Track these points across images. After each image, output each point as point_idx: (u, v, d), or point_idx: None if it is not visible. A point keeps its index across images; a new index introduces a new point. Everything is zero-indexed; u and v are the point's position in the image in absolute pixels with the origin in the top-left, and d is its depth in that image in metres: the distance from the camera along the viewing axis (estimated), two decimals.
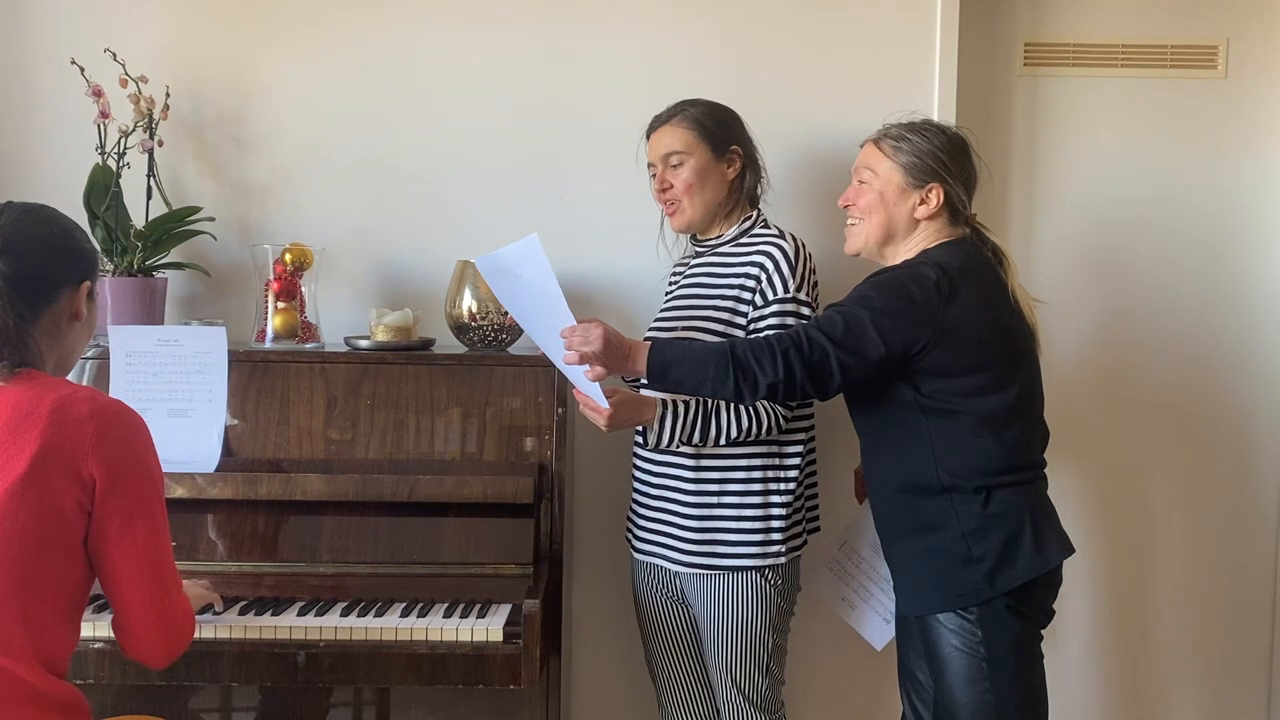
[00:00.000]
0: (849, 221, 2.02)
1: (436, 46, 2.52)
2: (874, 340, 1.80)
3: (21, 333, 1.49)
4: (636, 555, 2.20)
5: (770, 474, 2.08)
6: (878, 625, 2.27)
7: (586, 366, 1.86)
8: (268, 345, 2.27)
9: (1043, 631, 1.92)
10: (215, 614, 1.92)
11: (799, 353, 1.79)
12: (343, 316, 2.45)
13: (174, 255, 2.40)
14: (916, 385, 1.86)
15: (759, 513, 2.06)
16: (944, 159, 1.94)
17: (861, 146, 2.04)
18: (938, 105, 2.51)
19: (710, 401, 2.01)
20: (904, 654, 2.09)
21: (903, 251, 1.97)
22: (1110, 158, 2.70)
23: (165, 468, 1.60)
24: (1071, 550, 1.93)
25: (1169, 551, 2.75)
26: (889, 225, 1.96)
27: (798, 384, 1.81)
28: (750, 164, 2.17)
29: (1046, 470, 1.96)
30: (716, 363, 1.81)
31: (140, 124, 2.34)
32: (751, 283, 2.05)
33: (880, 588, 2.24)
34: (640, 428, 2.03)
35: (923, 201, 1.94)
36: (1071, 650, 2.74)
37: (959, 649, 1.86)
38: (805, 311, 2.05)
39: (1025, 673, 1.88)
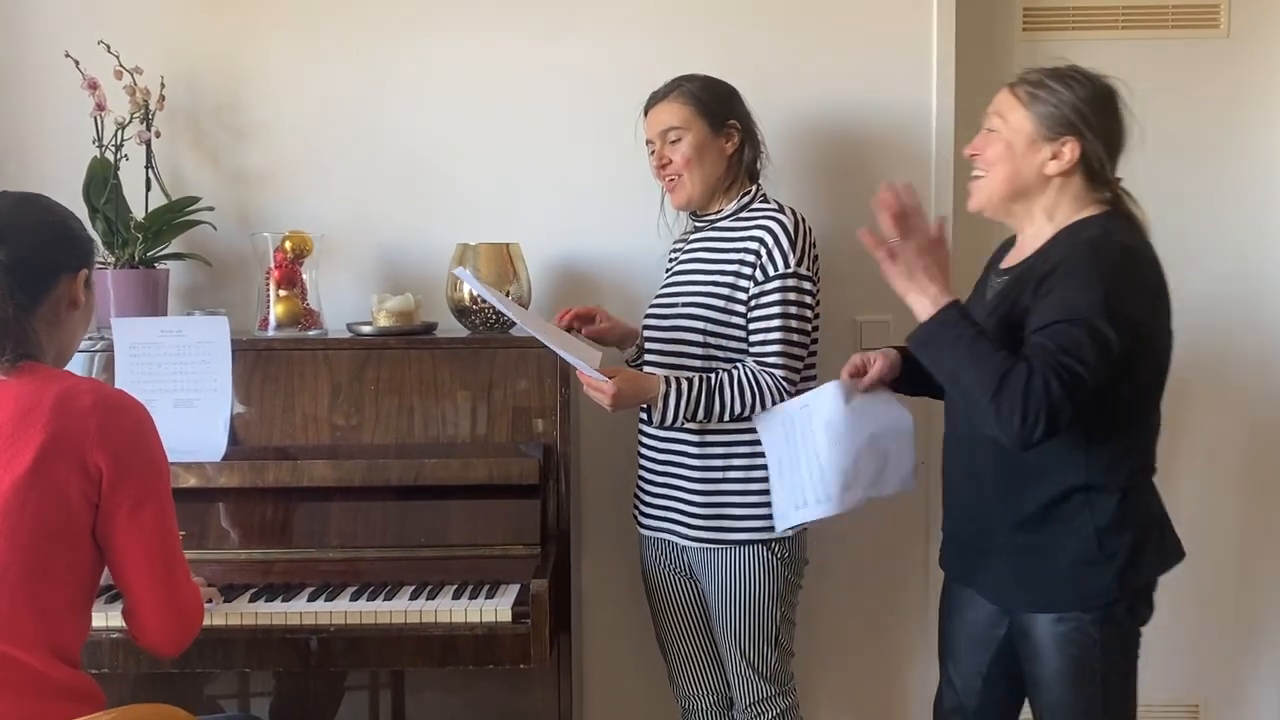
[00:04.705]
0: (973, 173, 1.85)
1: (432, 28, 2.51)
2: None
3: (21, 321, 1.49)
4: (644, 532, 2.21)
5: None
6: (788, 507, 2.00)
7: (589, 353, 1.96)
8: (271, 333, 2.28)
9: None
10: (225, 601, 1.93)
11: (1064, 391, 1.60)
12: (345, 303, 2.45)
13: (175, 246, 2.41)
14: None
15: (765, 486, 2.07)
16: (1084, 110, 1.73)
17: (998, 93, 1.86)
18: (936, 71, 2.49)
19: (714, 378, 2.01)
20: (955, 632, 1.96)
21: (1038, 211, 1.79)
22: None
23: (173, 458, 1.61)
24: (1183, 552, 1.82)
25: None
26: (1015, 180, 1.78)
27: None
28: (749, 138, 2.16)
29: None
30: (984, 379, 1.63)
31: (137, 115, 2.34)
32: (751, 258, 2.05)
33: (811, 473, 1.96)
34: (645, 406, 2.04)
35: (1054, 156, 1.75)
36: None
37: (1070, 649, 1.74)
38: (806, 286, 2.04)
39: (1132, 675, 1.79)
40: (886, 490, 2.01)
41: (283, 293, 2.29)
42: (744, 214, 2.12)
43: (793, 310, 2.03)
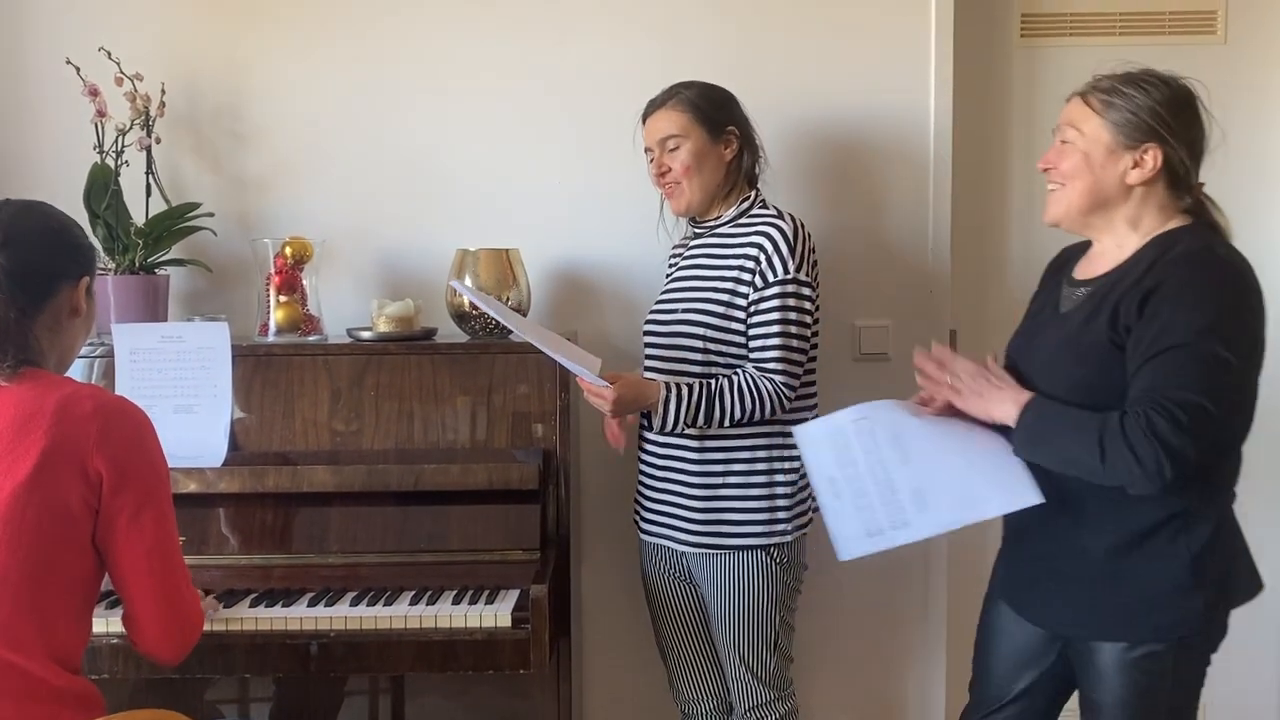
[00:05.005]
0: (1049, 186, 1.77)
1: (431, 34, 2.52)
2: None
3: (23, 328, 1.50)
4: (644, 537, 2.21)
5: (775, 453, 2.08)
6: (853, 535, 1.75)
7: (589, 360, 1.97)
8: (271, 339, 2.28)
9: None
10: (226, 607, 1.93)
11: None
12: (345, 308, 2.46)
13: (175, 252, 2.41)
14: None
15: (764, 492, 2.07)
16: (1164, 115, 1.65)
17: (1067, 101, 1.78)
18: (934, 77, 2.50)
19: (714, 383, 2.02)
20: (995, 655, 1.89)
21: (1120, 222, 1.72)
22: None
23: (173, 464, 1.62)
24: (1263, 583, 1.75)
25: None
26: (1096, 192, 1.70)
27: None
28: (747, 144, 2.16)
29: None
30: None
31: (137, 121, 2.34)
32: (751, 263, 2.05)
33: (881, 496, 1.73)
34: (645, 412, 2.04)
35: (1136, 165, 1.67)
36: None
37: (1140, 678, 1.67)
38: (805, 292, 2.05)
39: (1195, 703, 1.72)
40: (986, 511, 1.72)
41: (283, 298, 2.30)
42: (743, 220, 2.12)
43: (792, 316, 2.03)
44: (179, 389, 2.14)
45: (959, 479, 1.72)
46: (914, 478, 1.72)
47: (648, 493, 2.19)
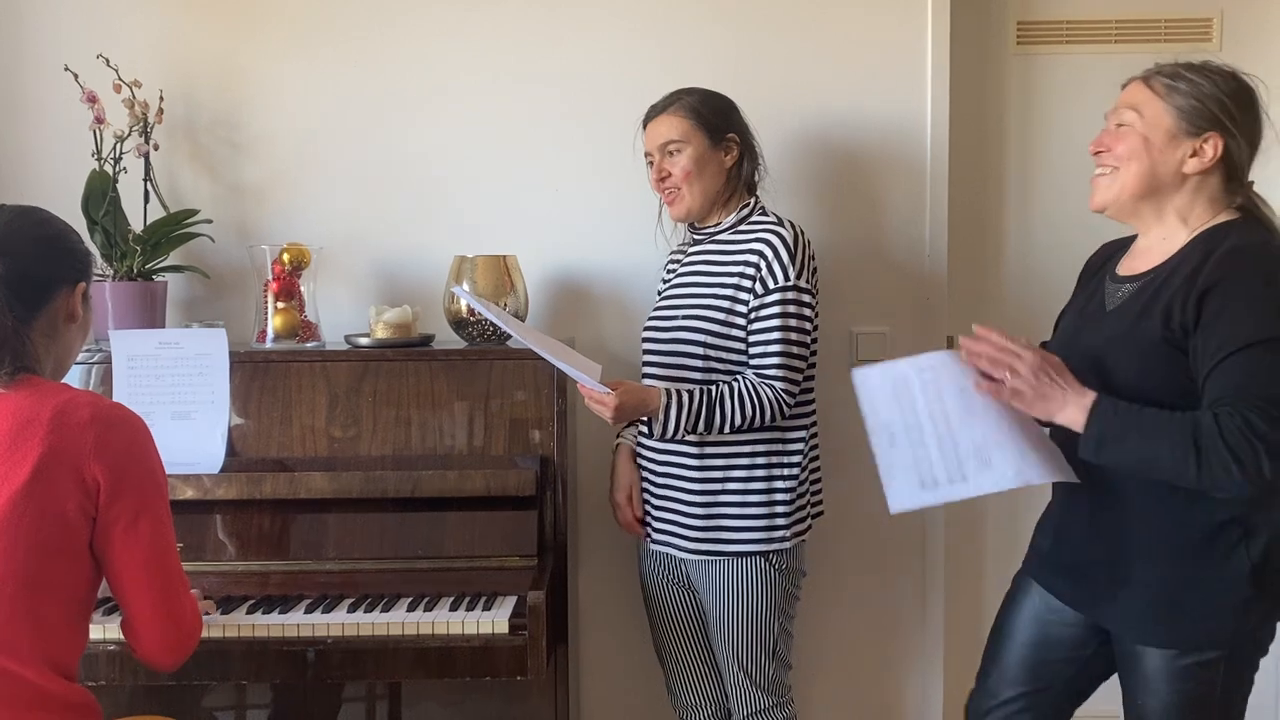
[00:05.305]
0: (1097, 171, 1.72)
1: (429, 42, 2.52)
2: None
3: (19, 334, 1.50)
4: (653, 546, 2.20)
5: (774, 460, 2.09)
6: (906, 487, 1.68)
7: (589, 366, 1.97)
8: (268, 345, 2.28)
9: None
10: (223, 613, 1.93)
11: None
12: (342, 315, 2.46)
13: (173, 258, 2.42)
14: None
15: (763, 498, 2.07)
16: (1230, 105, 1.62)
17: (1124, 86, 1.73)
18: (931, 85, 2.51)
19: (715, 390, 2.02)
20: (1019, 640, 1.86)
21: (1170, 212, 1.68)
22: None
23: (170, 470, 1.62)
24: None
25: None
26: (1151, 177, 1.65)
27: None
28: (747, 151, 2.17)
29: None
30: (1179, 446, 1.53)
31: (135, 128, 2.35)
32: (751, 270, 2.06)
33: (940, 449, 1.66)
34: (646, 418, 2.04)
35: (1195, 153, 1.63)
36: None
37: (1191, 686, 1.64)
38: (806, 299, 2.05)
39: (1243, 708, 1.69)
40: (1036, 477, 1.64)
41: (280, 305, 2.30)
42: (743, 227, 2.13)
43: (793, 323, 2.04)
44: (176, 395, 2.14)
45: (1017, 441, 1.63)
46: (978, 434, 1.64)
47: (648, 499, 2.19)
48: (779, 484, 2.08)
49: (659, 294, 2.27)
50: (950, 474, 1.64)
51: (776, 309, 2.03)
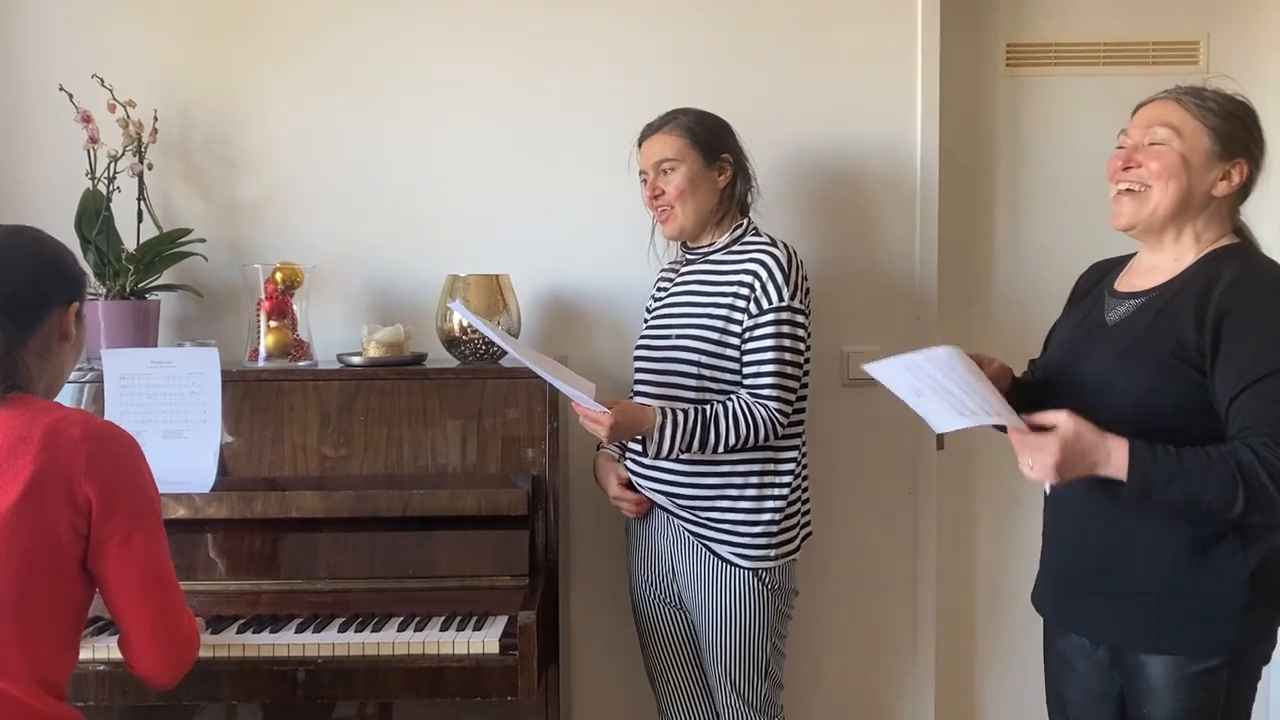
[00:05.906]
0: (1122, 186, 1.69)
1: (421, 62, 2.54)
2: None
3: (12, 354, 1.50)
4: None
5: (765, 479, 2.09)
6: (947, 414, 1.67)
7: (584, 384, 1.96)
8: (261, 364, 2.28)
9: None
10: (213, 633, 1.92)
11: None
12: (335, 333, 2.46)
13: (166, 277, 2.42)
14: None
15: (753, 518, 2.08)
16: (1255, 133, 1.63)
17: (1136, 110, 1.72)
18: (921, 106, 2.53)
19: (709, 409, 2.02)
20: (1070, 686, 1.83)
21: (1188, 233, 1.67)
22: (1095, 155, 2.69)
23: (162, 489, 1.61)
24: None
25: None
26: (1187, 197, 1.63)
27: None
28: (741, 172, 2.19)
29: None
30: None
31: (129, 148, 2.35)
32: (745, 290, 2.07)
33: (965, 390, 1.62)
34: (640, 437, 2.04)
35: (1224, 178, 1.63)
36: None
37: (1195, 695, 1.63)
38: (800, 319, 2.06)
39: (1248, 717, 1.70)
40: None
41: (273, 324, 2.30)
42: (737, 247, 2.14)
43: (786, 343, 2.05)
44: (168, 414, 2.14)
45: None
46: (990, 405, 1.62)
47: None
48: (769, 503, 2.09)
49: (649, 311, 2.28)
50: (974, 409, 1.63)
51: (771, 329, 2.04)
